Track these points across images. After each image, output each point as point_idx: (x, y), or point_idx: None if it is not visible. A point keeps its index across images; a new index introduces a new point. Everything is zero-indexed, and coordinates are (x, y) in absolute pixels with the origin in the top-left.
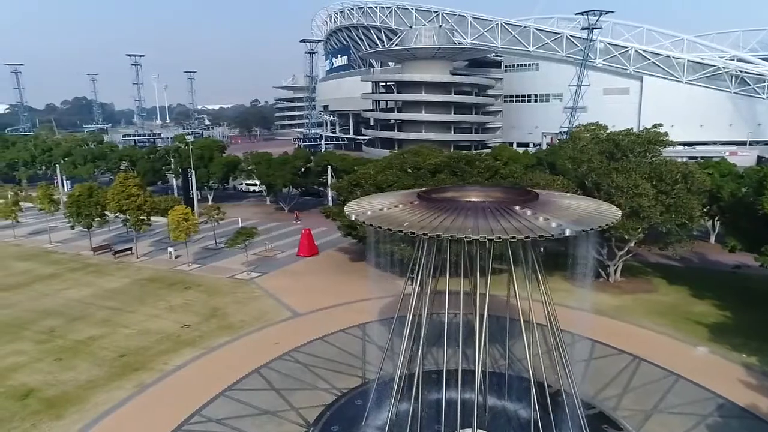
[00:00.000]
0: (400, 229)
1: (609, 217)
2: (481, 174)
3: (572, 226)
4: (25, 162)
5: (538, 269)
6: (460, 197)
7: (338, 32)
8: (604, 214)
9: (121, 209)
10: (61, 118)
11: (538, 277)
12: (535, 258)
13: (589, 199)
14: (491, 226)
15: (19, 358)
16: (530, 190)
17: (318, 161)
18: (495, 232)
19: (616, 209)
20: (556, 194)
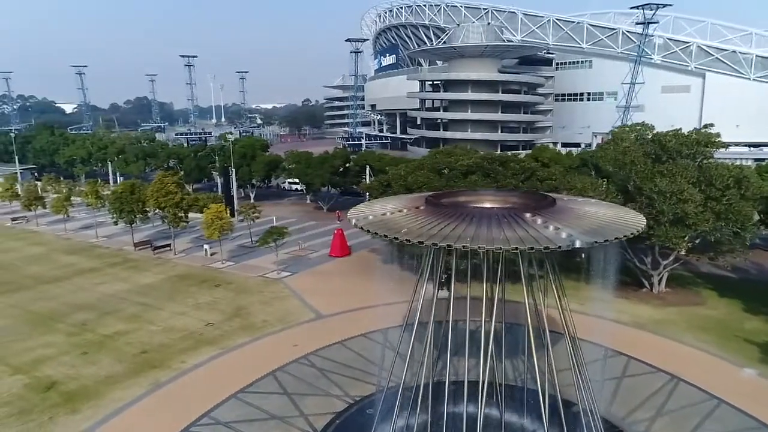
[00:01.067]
0: (396, 236)
1: (630, 227)
2: (516, 176)
3: (584, 237)
4: (83, 159)
5: (556, 278)
6: (471, 202)
7: (387, 31)
8: (626, 224)
9: (159, 206)
10: (123, 117)
11: (555, 286)
12: (552, 267)
13: (613, 206)
14: (493, 236)
15: (48, 350)
16: (548, 195)
17: (356, 161)
18: (496, 242)
19: (641, 218)
20: (579, 200)
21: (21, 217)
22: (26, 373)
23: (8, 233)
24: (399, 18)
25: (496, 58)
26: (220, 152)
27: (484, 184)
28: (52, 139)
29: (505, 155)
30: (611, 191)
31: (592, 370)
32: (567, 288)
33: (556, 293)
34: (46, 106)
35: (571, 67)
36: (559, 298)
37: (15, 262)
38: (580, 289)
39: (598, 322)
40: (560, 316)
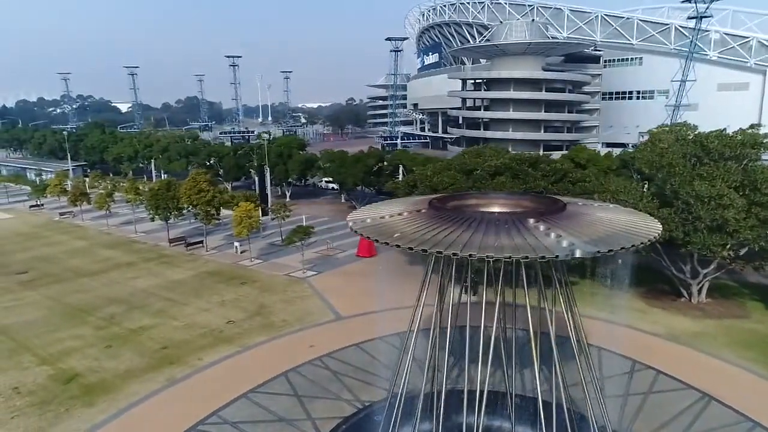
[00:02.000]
0: (387, 240)
1: (641, 236)
2: (546, 178)
3: (586, 247)
4: (129, 156)
5: (564, 286)
6: (475, 207)
7: (430, 29)
8: (637, 232)
9: (192, 203)
10: (174, 116)
11: (565, 294)
12: (561, 274)
13: (631, 212)
14: (489, 243)
15: (76, 342)
16: (559, 200)
17: (390, 160)
18: (489, 250)
19: (656, 226)
20: (594, 205)
21: (68, 211)
22: (52, 364)
23: (56, 227)
24: (442, 16)
25: (539, 55)
26: (258, 151)
27: (512, 185)
28: (102, 137)
29: (535, 156)
30: (646, 195)
31: (618, 383)
32: (599, 295)
33: (563, 301)
34: (102, 106)
35: (620, 65)
36: (569, 307)
37: (59, 255)
38: (612, 297)
39: (628, 332)
40: (569, 323)
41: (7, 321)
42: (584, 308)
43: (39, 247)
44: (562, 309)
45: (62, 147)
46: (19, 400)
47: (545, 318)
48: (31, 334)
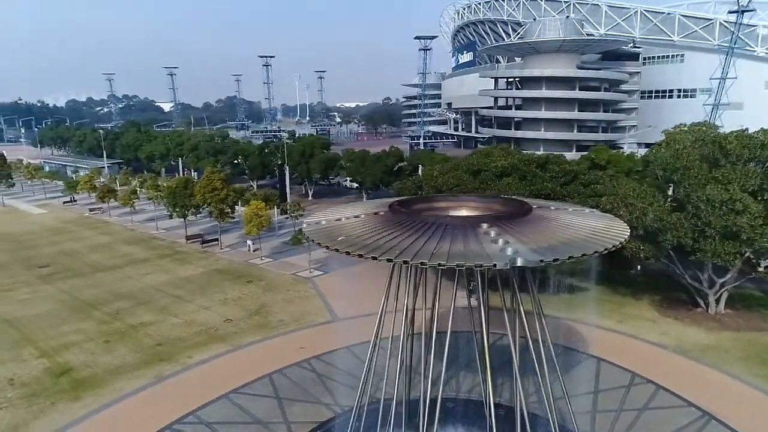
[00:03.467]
0: (327, 244)
1: (600, 243)
2: (555, 179)
3: (531, 255)
4: (161, 155)
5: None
6: (436, 210)
7: (465, 28)
8: (597, 240)
9: (206, 201)
10: (213, 116)
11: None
12: (516, 282)
13: (605, 216)
14: (428, 248)
15: (77, 336)
16: (525, 203)
17: (409, 160)
18: (422, 257)
19: (623, 234)
20: (569, 210)
21: (97, 208)
22: (50, 358)
23: (84, 222)
24: (477, 14)
25: (574, 53)
26: (282, 150)
27: (518, 187)
28: (137, 135)
29: (544, 156)
30: (657, 199)
31: (612, 397)
32: (609, 303)
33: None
34: (147, 105)
35: (660, 62)
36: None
37: (81, 250)
38: (624, 305)
39: (632, 343)
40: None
41: (18, 313)
42: (590, 316)
43: (65, 242)
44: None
45: (100, 145)
46: (12, 391)
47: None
48: (37, 327)
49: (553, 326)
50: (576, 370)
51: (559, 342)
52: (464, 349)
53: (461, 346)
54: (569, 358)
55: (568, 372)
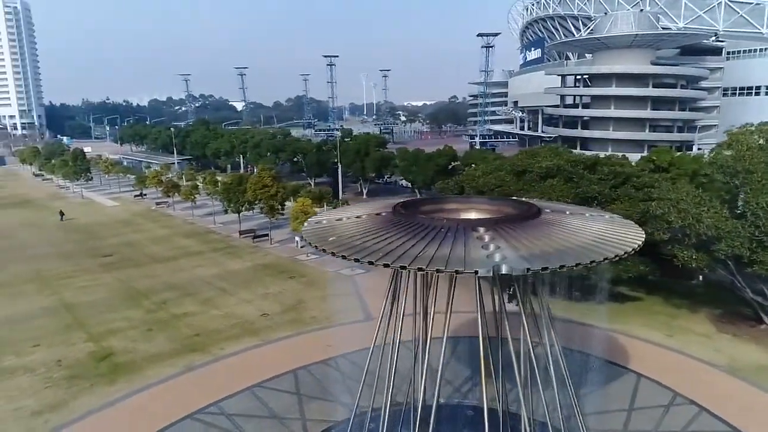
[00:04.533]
0: (316, 244)
1: (600, 252)
2: (604, 181)
3: (518, 262)
4: (226, 152)
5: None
6: (439, 211)
7: (533, 24)
8: (599, 248)
9: (256, 198)
10: (282, 114)
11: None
12: (521, 289)
13: (625, 223)
14: (414, 252)
15: (124, 323)
16: (534, 205)
17: (462, 160)
18: (403, 260)
19: (635, 242)
20: (586, 214)
21: (163, 201)
22: (96, 342)
23: (149, 215)
24: (546, 9)
25: (648, 48)
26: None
27: (563, 189)
28: (206, 133)
29: (593, 158)
30: (713, 204)
31: (648, 417)
32: (661, 315)
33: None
34: (221, 105)
35: (746, 56)
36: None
37: (143, 241)
38: (677, 318)
39: (679, 359)
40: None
41: (76, 299)
42: (638, 329)
43: (129, 233)
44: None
45: (172, 142)
46: (57, 372)
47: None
48: (91, 313)
49: (593, 337)
50: (612, 385)
51: (597, 354)
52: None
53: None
54: (606, 372)
55: (602, 386)
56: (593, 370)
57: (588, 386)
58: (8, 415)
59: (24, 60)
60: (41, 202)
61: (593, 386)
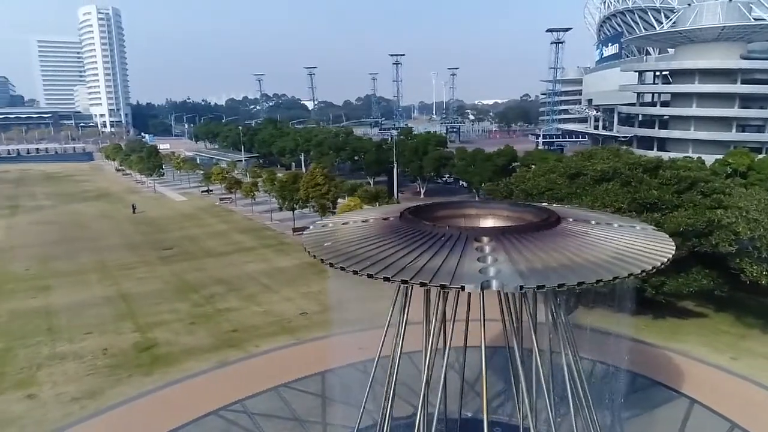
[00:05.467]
0: (309, 249)
1: (614, 270)
2: (666, 186)
3: (510, 279)
4: (291, 150)
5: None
6: (451, 217)
7: (611, 18)
8: (620, 265)
9: (308, 196)
10: (351, 113)
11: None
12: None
13: (656, 236)
14: (404, 262)
15: (170, 316)
16: (553, 213)
17: (522, 160)
18: (388, 272)
19: (658, 260)
20: (615, 225)
21: (227, 197)
22: (142, 333)
23: (212, 211)
24: (626, 2)
25: (737, 41)
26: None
27: (618, 194)
28: (273, 131)
29: (654, 160)
30: None
31: None
32: (729, 335)
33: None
34: (293, 104)
35: None
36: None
37: (201, 235)
38: (745, 339)
39: (742, 386)
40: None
41: (133, 290)
42: (698, 349)
43: (191, 228)
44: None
45: (240, 140)
46: (101, 360)
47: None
48: (143, 304)
49: (644, 355)
50: (660, 409)
51: (647, 374)
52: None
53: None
54: (655, 394)
55: (649, 410)
56: (641, 391)
57: (633, 409)
58: (50, 400)
59: (114, 62)
60: (118, 196)
61: (639, 409)
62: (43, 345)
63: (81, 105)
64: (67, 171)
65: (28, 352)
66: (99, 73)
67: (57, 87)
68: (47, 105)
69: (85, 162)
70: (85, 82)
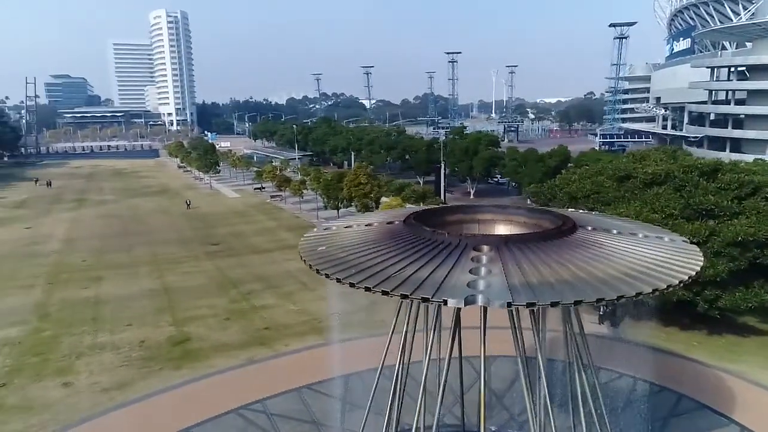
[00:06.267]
0: (301, 254)
1: (621, 288)
2: (725, 191)
3: (498, 295)
4: (343, 148)
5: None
6: (459, 223)
7: (684, 11)
8: (629, 283)
9: (350, 195)
10: (408, 112)
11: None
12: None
13: (685, 250)
14: (391, 272)
15: (207, 311)
16: (569, 220)
17: (576, 162)
18: (374, 280)
19: (675, 277)
20: (639, 235)
21: (277, 195)
22: (177, 327)
23: (262, 208)
24: None
25: None
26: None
27: (670, 199)
28: (327, 130)
29: (711, 162)
30: None
31: None
32: None
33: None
34: (351, 102)
35: None
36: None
37: (248, 232)
38: None
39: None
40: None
41: (176, 284)
42: (757, 371)
43: (240, 224)
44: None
45: (297, 138)
46: (137, 352)
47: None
48: (183, 298)
49: (692, 375)
50: None
51: (694, 396)
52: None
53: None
54: (700, 419)
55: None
56: (685, 414)
57: None
58: (83, 389)
59: (181, 63)
60: (176, 191)
61: None
62: (86, 334)
63: (150, 104)
64: (134, 167)
65: (72, 340)
66: (167, 74)
67: (130, 87)
68: (120, 104)
69: (151, 159)
70: (155, 83)
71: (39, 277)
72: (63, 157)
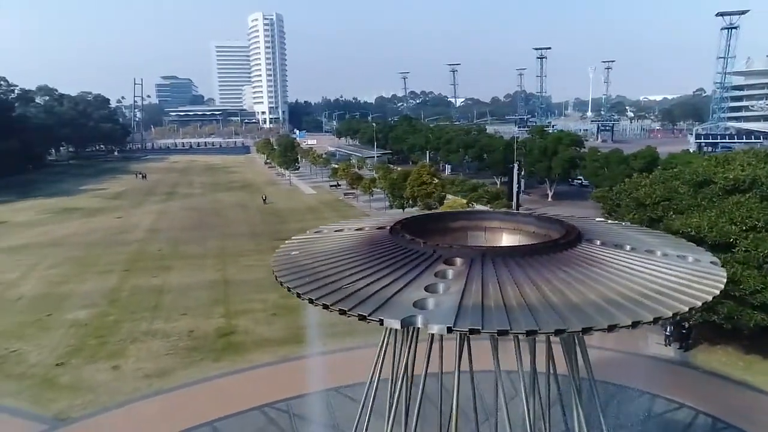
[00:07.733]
0: (273, 260)
1: (601, 319)
2: None
3: (443, 318)
4: (421, 147)
5: None
6: (453, 231)
7: None
8: (617, 310)
9: (413, 195)
10: (497, 110)
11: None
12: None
13: (710, 272)
14: (355, 286)
15: (257, 305)
16: (573, 231)
17: (663, 164)
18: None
19: (682, 304)
20: (658, 253)
21: (351, 192)
22: (227, 319)
23: (335, 204)
24: None
25: None
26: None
27: (754, 209)
28: (407, 128)
29: None
30: None
31: None
32: None
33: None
34: (439, 101)
35: None
36: None
37: (315, 228)
38: None
39: None
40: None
41: (236, 276)
42: None
43: (310, 220)
44: None
45: (377, 137)
46: (183, 342)
47: None
48: (239, 291)
49: (728, 395)
50: None
51: (724, 418)
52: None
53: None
54: None
55: None
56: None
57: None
58: (128, 374)
59: (275, 64)
60: (258, 186)
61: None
62: (144, 321)
63: (246, 103)
64: (225, 163)
65: (131, 326)
66: (262, 75)
67: (229, 87)
68: (220, 103)
69: (242, 155)
70: (251, 82)
71: (117, 264)
72: (165, 153)
